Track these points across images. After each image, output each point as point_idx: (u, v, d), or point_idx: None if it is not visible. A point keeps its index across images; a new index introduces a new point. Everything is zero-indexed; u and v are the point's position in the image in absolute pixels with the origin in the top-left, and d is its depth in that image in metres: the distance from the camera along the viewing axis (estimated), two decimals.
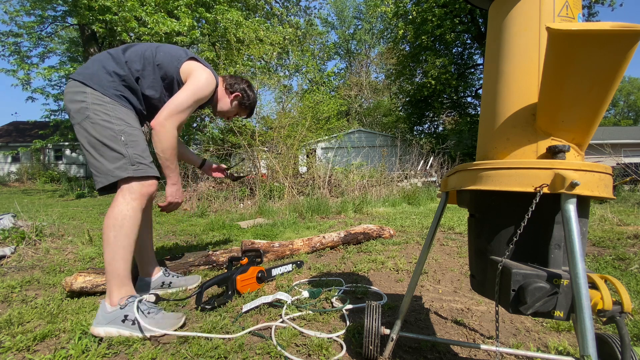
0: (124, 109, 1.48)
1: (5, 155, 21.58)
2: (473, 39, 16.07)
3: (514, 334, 1.32)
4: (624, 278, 1.87)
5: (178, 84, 1.58)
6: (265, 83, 7.94)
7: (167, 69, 1.56)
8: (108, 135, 1.41)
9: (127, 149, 1.42)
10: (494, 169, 0.79)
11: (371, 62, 31.17)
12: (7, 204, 6.89)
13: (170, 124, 1.47)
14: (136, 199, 1.42)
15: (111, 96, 1.45)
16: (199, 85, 1.55)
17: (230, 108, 1.84)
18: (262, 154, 7.06)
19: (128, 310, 1.29)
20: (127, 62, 1.51)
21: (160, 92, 1.59)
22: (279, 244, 2.46)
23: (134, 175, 1.41)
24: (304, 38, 15.58)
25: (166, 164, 1.52)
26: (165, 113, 1.47)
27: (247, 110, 1.91)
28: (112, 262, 1.34)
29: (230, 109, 1.85)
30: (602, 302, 0.69)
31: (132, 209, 1.39)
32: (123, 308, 1.29)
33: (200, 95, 1.56)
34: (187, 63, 1.58)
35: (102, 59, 1.51)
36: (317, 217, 4.77)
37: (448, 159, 9.72)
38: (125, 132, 1.44)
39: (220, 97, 1.80)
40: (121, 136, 1.43)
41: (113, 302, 1.31)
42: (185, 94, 1.52)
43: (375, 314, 1.08)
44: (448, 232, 3.45)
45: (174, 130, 1.49)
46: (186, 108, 1.52)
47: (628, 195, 6.60)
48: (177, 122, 1.50)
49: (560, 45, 0.65)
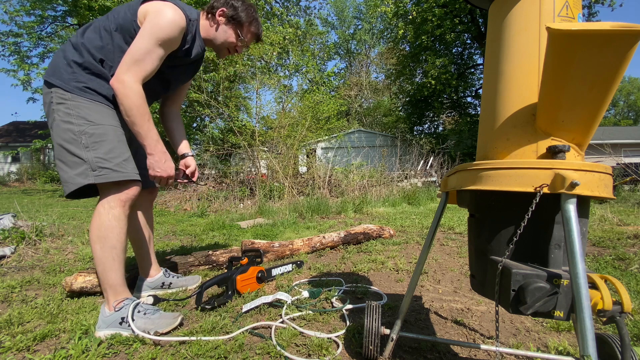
0: (88, 104, 1.28)
1: (5, 155, 21.57)
2: (473, 39, 16.06)
3: (514, 334, 1.32)
4: (624, 278, 1.87)
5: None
6: (265, 83, 7.94)
7: (126, 28, 1.29)
8: (67, 138, 1.26)
9: (87, 153, 1.25)
10: (494, 169, 0.79)
11: (371, 62, 31.17)
12: (7, 204, 6.89)
13: (129, 78, 1.22)
14: (116, 206, 1.29)
15: (73, 90, 1.27)
16: (157, 23, 1.25)
17: (224, 33, 1.49)
18: (262, 154, 7.06)
19: (124, 313, 1.29)
20: (85, 45, 1.28)
21: None
22: (279, 244, 2.46)
23: (96, 182, 1.25)
24: (304, 38, 15.57)
25: (134, 128, 1.26)
26: (121, 66, 1.22)
27: (246, 24, 1.51)
28: (103, 273, 1.30)
29: (224, 34, 1.49)
30: (602, 302, 0.69)
31: (113, 217, 1.29)
32: (119, 311, 1.29)
33: (161, 35, 1.26)
34: (142, 7, 1.29)
35: (63, 49, 1.32)
36: (317, 217, 4.77)
37: (448, 159, 9.72)
38: (86, 132, 1.26)
39: (206, 30, 1.49)
40: (81, 138, 1.25)
41: (110, 308, 1.31)
42: (141, 37, 1.24)
43: (375, 314, 1.08)
44: (448, 232, 3.45)
45: (137, 86, 1.23)
46: (145, 54, 1.24)
47: (628, 195, 6.60)
48: (139, 75, 1.24)
49: (560, 45, 0.65)
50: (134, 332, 1.25)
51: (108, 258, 1.29)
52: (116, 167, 1.28)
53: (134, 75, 1.23)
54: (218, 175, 7.60)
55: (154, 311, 1.36)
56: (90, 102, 1.29)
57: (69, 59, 1.28)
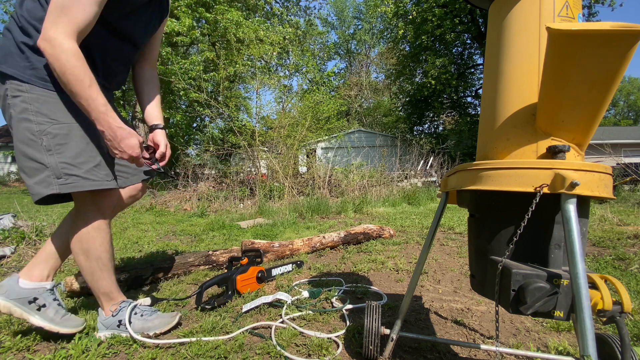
0: (50, 97, 1.06)
1: (5, 155, 21.59)
2: (473, 39, 16.07)
3: (514, 334, 1.32)
4: (624, 278, 1.87)
5: None
6: (265, 83, 7.95)
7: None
8: (24, 139, 1.04)
9: (49, 157, 1.04)
10: (494, 169, 0.79)
11: (371, 62, 31.18)
12: (7, 204, 6.89)
13: (57, 33, 0.94)
14: (93, 217, 1.17)
15: (30, 80, 1.04)
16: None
17: None
18: (262, 154, 7.06)
19: (121, 316, 1.28)
20: (26, 19, 1.03)
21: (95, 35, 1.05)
22: (279, 244, 2.46)
23: (61, 191, 1.06)
24: (304, 38, 15.58)
25: (75, 99, 1.00)
26: (46, 21, 0.95)
27: None
28: (92, 283, 1.25)
29: None
30: (602, 302, 0.69)
31: (93, 229, 1.17)
32: (115, 315, 1.28)
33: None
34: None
35: (9, 28, 1.07)
36: (317, 217, 4.77)
37: (448, 159, 9.72)
38: (48, 132, 1.04)
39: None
40: (42, 139, 1.04)
41: (107, 313, 1.30)
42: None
43: (375, 314, 1.08)
44: (448, 232, 3.45)
45: (68, 42, 0.95)
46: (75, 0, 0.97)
47: (628, 195, 6.60)
48: (69, 28, 0.96)
49: (560, 45, 0.65)
50: (132, 336, 1.25)
51: (95, 268, 1.21)
52: (86, 174, 1.09)
53: (62, 29, 0.94)
54: (218, 175, 7.61)
55: (151, 312, 1.35)
56: (52, 93, 1.06)
57: (18, 40, 1.04)
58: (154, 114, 1.36)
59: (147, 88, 1.40)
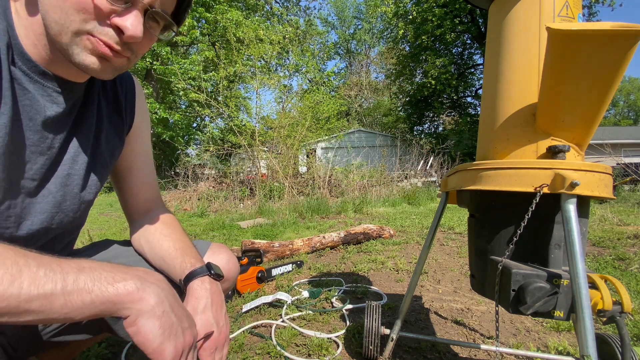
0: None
1: None
2: (473, 39, 16.06)
3: (514, 334, 1.32)
4: (624, 278, 1.87)
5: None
6: (265, 83, 7.94)
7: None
8: None
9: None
10: (494, 169, 0.79)
11: (371, 62, 31.18)
12: None
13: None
14: None
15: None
16: None
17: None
18: (262, 154, 7.06)
19: None
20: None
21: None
22: (279, 244, 2.46)
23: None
24: (304, 38, 15.58)
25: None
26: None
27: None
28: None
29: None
30: (602, 302, 0.69)
31: None
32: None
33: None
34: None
35: None
36: (317, 217, 4.77)
37: (448, 159, 9.72)
38: None
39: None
40: None
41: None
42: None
43: (375, 314, 1.08)
44: (448, 232, 3.45)
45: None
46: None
47: (628, 195, 6.60)
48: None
49: (560, 45, 0.65)
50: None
51: None
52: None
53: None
54: (218, 175, 7.61)
55: None
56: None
57: None
58: (188, 258, 0.73)
59: (158, 240, 0.81)
